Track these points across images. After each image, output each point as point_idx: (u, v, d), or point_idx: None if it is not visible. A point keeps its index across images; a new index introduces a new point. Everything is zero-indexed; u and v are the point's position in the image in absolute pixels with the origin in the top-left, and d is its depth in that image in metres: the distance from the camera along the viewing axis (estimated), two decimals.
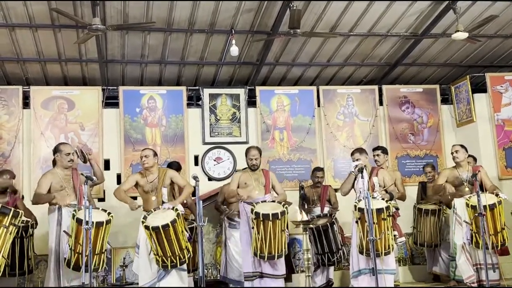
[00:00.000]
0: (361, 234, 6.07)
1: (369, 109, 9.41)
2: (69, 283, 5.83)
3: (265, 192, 6.62)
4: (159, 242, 5.70)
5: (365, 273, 6.20)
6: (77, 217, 5.66)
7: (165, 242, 5.69)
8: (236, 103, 9.06)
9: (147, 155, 6.30)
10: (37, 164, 8.15)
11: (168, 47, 8.27)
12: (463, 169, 6.84)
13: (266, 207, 6.25)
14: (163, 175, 6.32)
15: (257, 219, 6.13)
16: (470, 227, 6.42)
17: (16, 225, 5.24)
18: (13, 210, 5.24)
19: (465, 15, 7.85)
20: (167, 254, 5.73)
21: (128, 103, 8.68)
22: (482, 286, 6.41)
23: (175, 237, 5.72)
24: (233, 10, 7.48)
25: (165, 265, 5.78)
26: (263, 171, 6.81)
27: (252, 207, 6.22)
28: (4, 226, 5.12)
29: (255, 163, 6.70)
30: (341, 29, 8.15)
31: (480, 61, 9.53)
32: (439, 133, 9.53)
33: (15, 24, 7.39)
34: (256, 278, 6.37)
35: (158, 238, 5.68)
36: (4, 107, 8.29)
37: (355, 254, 6.28)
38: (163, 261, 5.76)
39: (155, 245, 5.73)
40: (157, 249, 5.74)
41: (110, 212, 5.98)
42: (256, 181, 6.67)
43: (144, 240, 5.94)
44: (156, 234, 5.66)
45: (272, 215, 6.09)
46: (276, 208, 6.22)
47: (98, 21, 6.77)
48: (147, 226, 5.70)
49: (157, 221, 5.72)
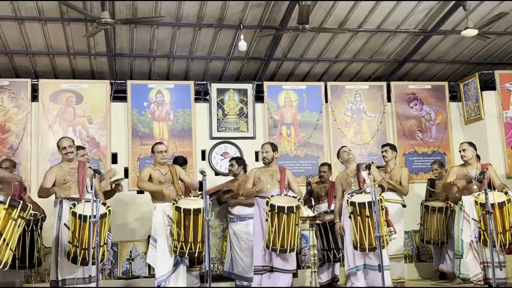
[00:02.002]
0: (355, 229, 6.07)
1: (377, 105, 9.39)
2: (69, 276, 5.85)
3: (279, 188, 6.61)
4: (185, 226, 5.86)
5: (360, 269, 6.21)
6: (73, 210, 5.70)
7: (191, 227, 5.87)
8: (243, 98, 9.05)
9: (167, 150, 6.59)
10: (45, 157, 8.18)
11: (177, 41, 8.27)
12: (471, 167, 6.81)
13: (282, 200, 6.29)
14: (174, 169, 6.52)
15: (272, 212, 6.16)
16: (478, 225, 6.40)
17: (24, 218, 5.26)
18: (21, 203, 5.25)
19: (474, 12, 7.80)
20: (189, 239, 5.89)
21: (136, 97, 8.70)
22: (489, 284, 6.40)
23: (201, 225, 5.87)
24: (242, 5, 7.47)
25: (183, 252, 5.92)
26: (279, 168, 6.80)
27: (268, 199, 6.25)
28: (12, 219, 5.13)
29: (265, 156, 6.72)
30: (350, 25, 8.12)
31: (489, 58, 9.48)
32: (447, 130, 9.49)
33: (24, 17, 7.41)
34: (266, 272, 6.38)
35: (185, 221, 5.86)
36: (12, 100, 8.32)
37: (350, 250, 6.26)
38: (181, 248, 5.90)
39: (181, 229, 5.87)
40: (180, 233, 5.87)
41: (108, 205, 5.98)
42: (270, 176, 6.68)
43: (164, 231, 6.06)
44: (185, 217, 5.86)
45: (287, 208, 6.13)
46: (291, 202, 6.27)
47: (107, 15, 6.79)
48: (179, 207, 5.91)
49: (189, 205, 5.95)
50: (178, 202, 5.99)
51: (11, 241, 5.14)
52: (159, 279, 6.02)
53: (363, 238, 6.01)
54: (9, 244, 5.11)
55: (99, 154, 8.32)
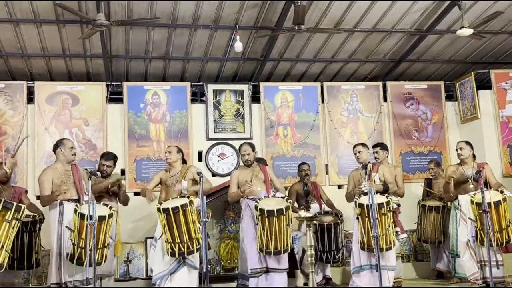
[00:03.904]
0: (362, 230, 6.10)
1: (373, 105, 9.40)
2: (71, 278, 5.83)
3: (266, 188, 6.54)
4: (169, 226, 5.81)
5: (366, 269, 6.23)
6: (80, 212, 5.68)
7: (174, 227, 5.80)
8: (240, 99, 9.05)
9: (170, 151, 6.53)
10: (42, 159, 8.18)
11: (172, 42, 8.27)
12: (467, 166, 6.82)
13: (270, 203, 6.23)
14: (185, 169, 6.49)
15: (262, 216, 6.10)
16: (475, 224, 6.41)
17: (18, 220, 5.24)
18: (15, 205, 5.24)
19: (470, 12, 7.82)
20: (176, 240, 5.82)
21: (132, 98, 8.70)
22: (486, 283, 6.40)
23: (184, 223, 5.81)
24: (237, 5, 7.47)
25: (173, 253, 5.86)
26: (260, 167, 6.70)
27: (256, 204, 6.20)
28: (6, 221, 5.12)
29: (247, 158, 6.60)
30: (345, 25, 8.13)
31: (485, 57, 9.50)
32: (444, 129, 9.51)
33: (20, 19, 7.40)
34: (262, 274, 6.37)
35: (168, 221, 5.81)
36: (8, 102, 8.31)
37: (356, 250, 6.29)
38: (171, 248, 5.85)
39: (166, 231, 5.84)
40: (167, 234, 5.84)
41: (111, 206, 6.03)
42: (255, 177, 6.58)
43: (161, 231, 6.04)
44: (167, 217, 5.80)
45: (277, 211, 6.07)
46: (280, 203, 6.21)
47: (102, 16, 6.78)
48: (159, 208, 5.88)
49: (170, 204, 5.91)
50: (161, 204, 5.97)
51: (6, 242, 5.13)
52: (154, 278, 6.05)
53: (370, 239, 6.01)
54: (4, 246, 5.10)
55: (95, 156, 8.30)
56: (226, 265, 7.79)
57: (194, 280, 6.10)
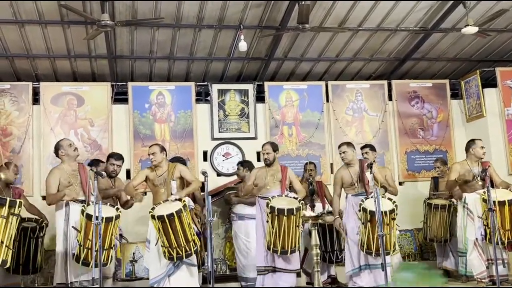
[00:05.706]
0: (364, 233, 6.02)
1: (378, 104, 9.38)
2: (77, 278, 5.84)
3: (281, 188, 6.56)
4: (165, 232, 5.72)
5: (364, 269, 6.19)
6: (87, 212, 5.67)
7: (171, 233, 5.71)
8: (244, 99, 9.06)
9: (154, 153, 6.24)
10: (47, 160, 8.20)
11: (177, 43, 8.28)
12: (473, 165, 6.79)
13: (282, 202, 6.23)
14: (172, 168, 6.28)
15: (272, 214, 6.10)
16: (484, 222, 6.36)
17: (16, 215, 5.21)
18: (9, 200, 5.20)
19: (475, 10, 7.79)
20: (173, 245, 5.75)
21: (137, 99, 8.71)
22: (493, 281, 6.38)
23: (180, 228, 5.74)
24: (242, 5, 7.47)
25: (171, 257, 5.79)
26: (281, 167, 6.72)
27: (268, 201, 6.21)
28: (3, 217, 5.11)
29: (267, 157, 6.65)
30: (350, 24, 8.12)
31: (490, 55, 9.47)
32: (449, 128, 9.49)
33: (25, 20, 7.42)
34: (269, 272, 6.37)
35: (164, 228, 5.71)
36: (14, 103, 8.35)
37: (354, 251, 6.23)
38: (169, 253, 5.78)
39: (162, 236, 5.76)
40: (164, 240, 5.77)
41: (118, 207, 6.01)
42: (271, 176, 6.61)
43: (154, 234, 5.96)
44: (162, 224, 5.70)
45: (287, 210, 6.06)
46: (291, 203, 6.19)
47: (107, 17, 6.79)
48: (153, 215, 5.75)
49: (163, 211, 5.77)
50: (154, 210, 5.83)
51: (6, 238, 5.11)
52: (151, 282, 5.97)
53: (371, 242, 5.98)
54: (4, 241, 5.08)
55: (100, 156, 8.31)
56: (231, 264, 7.80)
57: (194, 275, 6.06)
